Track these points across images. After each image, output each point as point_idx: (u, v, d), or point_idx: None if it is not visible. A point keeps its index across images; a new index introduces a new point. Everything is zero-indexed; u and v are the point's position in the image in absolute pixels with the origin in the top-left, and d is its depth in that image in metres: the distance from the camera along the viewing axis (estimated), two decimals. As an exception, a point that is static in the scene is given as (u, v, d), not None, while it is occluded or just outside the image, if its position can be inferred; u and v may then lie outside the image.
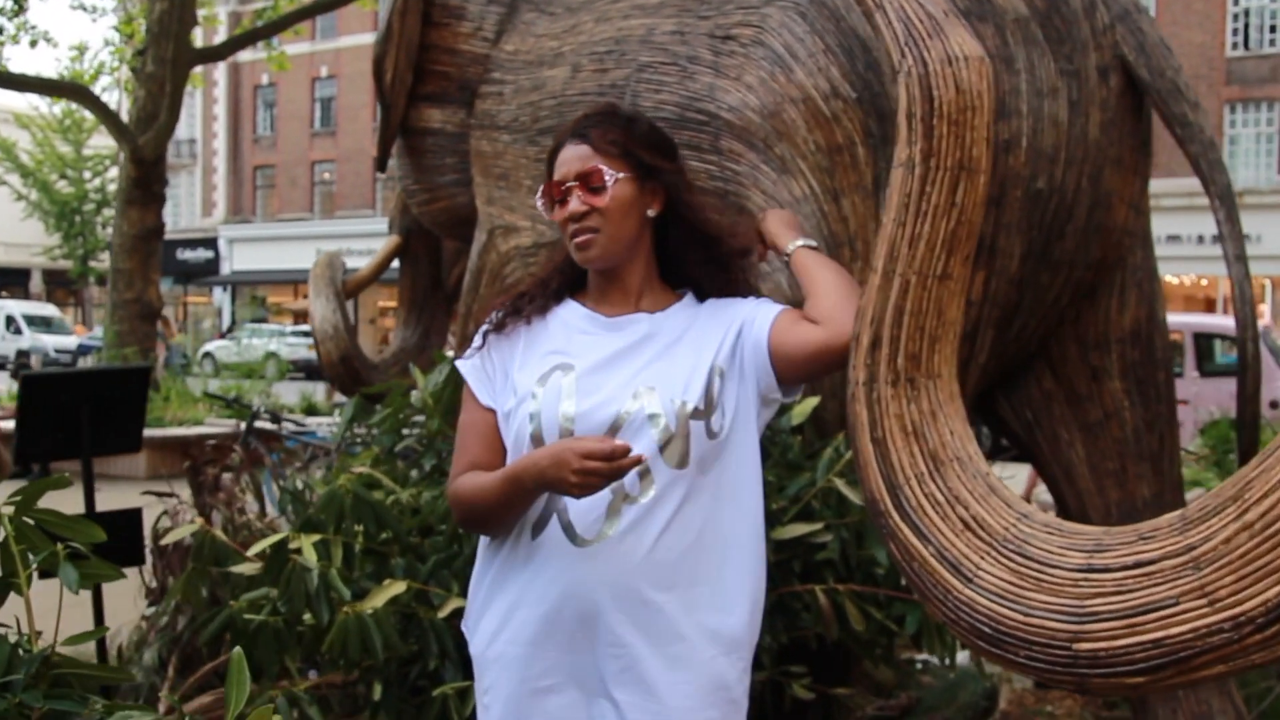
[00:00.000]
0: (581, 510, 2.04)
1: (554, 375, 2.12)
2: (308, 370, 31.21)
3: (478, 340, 2.25)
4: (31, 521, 2.17)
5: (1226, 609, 1.53)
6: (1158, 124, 3.66)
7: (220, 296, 46.96)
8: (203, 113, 46.92)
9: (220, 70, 45.27)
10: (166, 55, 13.44)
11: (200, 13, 16.63)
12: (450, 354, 3.79)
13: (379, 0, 4.94)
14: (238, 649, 1.52)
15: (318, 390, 19.61)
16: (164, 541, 3.90)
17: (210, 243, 46.47)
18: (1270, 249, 28.61)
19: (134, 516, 4.08)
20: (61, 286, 51.02)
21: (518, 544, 2.11)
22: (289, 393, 17.95)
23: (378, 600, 2.65)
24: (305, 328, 37.35)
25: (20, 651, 2.07)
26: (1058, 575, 1.72)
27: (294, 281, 43.56)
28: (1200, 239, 28.98)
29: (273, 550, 2.78)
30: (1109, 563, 1.68)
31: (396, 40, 4.94)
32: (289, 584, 2.71)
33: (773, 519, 3.24)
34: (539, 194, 2.21)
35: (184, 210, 48.04)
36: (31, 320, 34.95)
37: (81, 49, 21.03)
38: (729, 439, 2.12)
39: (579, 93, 4.14)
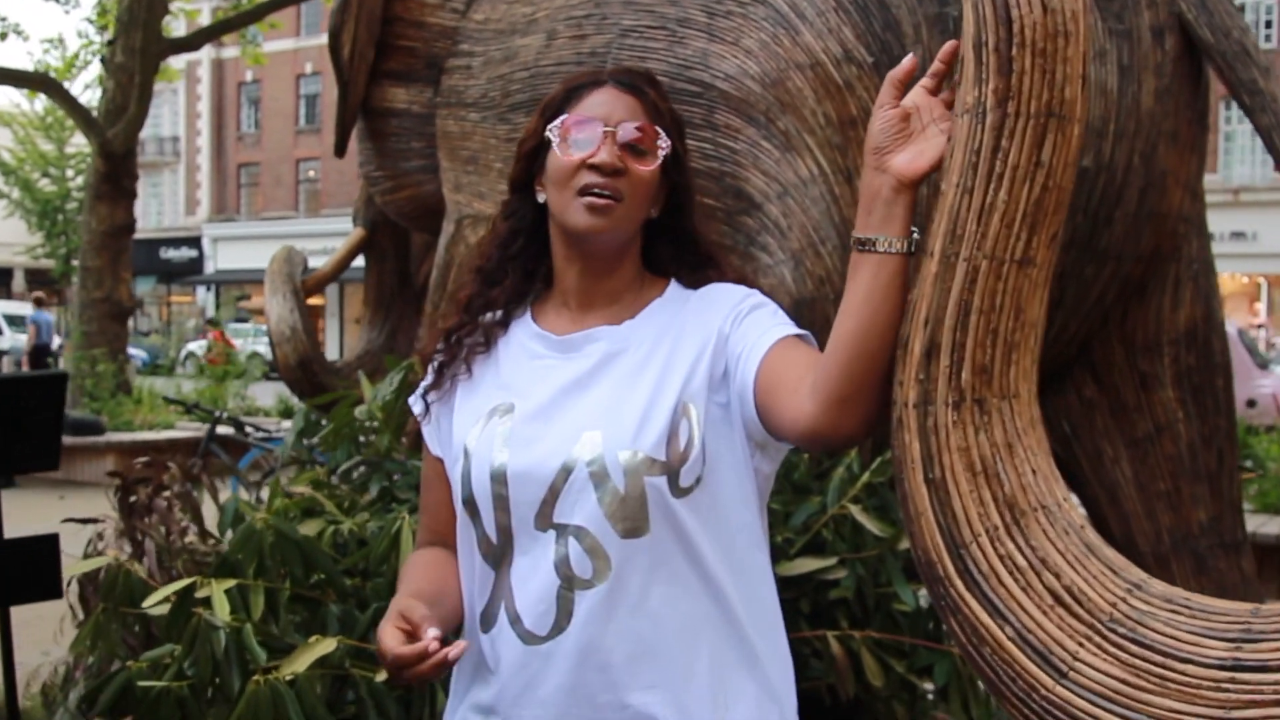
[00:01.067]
0: (529, 602, 1.57)
1: (492, 421, 1.66)
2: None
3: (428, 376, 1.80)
4: None
5: None
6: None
7: (204, 296, 46.40)
8: (186, 109, 46.42)
9: (204, 67, 44.83)
10: (135, 45, 12.91)
11: (176, 4, 16.12)
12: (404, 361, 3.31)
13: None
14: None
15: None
16: (70, 574, 3.42)
17: (194, 241, 45.97)
18: (1267, 247, 28.43)
19: (49, 543, 3.58)
20: (44, 286, 50.44)
21: (472, 636, 1.66)
22: (265, 394, 17.44)
23: (300, 663, 2.16)
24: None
25: None
26: (1191, 673, 1.24)
27: (279, 281, 42.99)
28: (1199, 236, 28.65)
29: (175, 604, 2.30)
30: (1266, 658, 1.21)
31: (355, 10, 4.46)
32: (194, 644, 2.23)
33: (777, 553, 2.77)
34: (555, 123, 1.69)
35: (167, 208, 47.54)
36: (12, 320, 34.31)
37: (55, 42, 20.55)
38: (708, 494, 1.62)
39: (554, 63, 3.67)
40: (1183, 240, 3.19)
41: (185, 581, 2.33)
